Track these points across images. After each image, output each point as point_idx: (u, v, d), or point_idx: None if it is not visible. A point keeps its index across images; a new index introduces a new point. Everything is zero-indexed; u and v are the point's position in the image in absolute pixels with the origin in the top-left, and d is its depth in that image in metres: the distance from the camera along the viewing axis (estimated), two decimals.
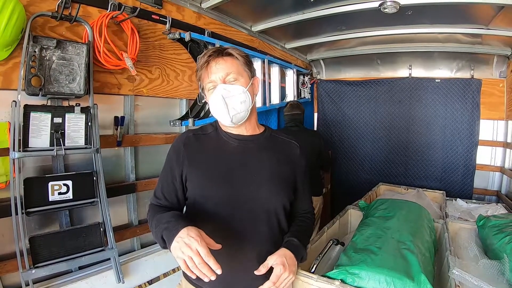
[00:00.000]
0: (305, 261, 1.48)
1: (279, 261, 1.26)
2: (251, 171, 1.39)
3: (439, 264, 2.00)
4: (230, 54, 1.36)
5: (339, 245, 2.07)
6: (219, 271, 1.04)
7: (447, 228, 2.32)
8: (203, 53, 1.37)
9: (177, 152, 1.41)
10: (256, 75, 1.46)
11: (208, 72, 1.34)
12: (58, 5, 1.79)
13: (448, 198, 3.37)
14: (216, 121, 1.50)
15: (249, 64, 1.41)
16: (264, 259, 1.28)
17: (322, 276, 1.62)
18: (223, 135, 1.44)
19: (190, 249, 1.05)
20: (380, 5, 2.67)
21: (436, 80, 4.32)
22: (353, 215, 2.80)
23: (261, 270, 1.24)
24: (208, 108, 2.76)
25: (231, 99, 1.31)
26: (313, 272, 1.67)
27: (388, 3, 2.63)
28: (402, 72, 4.62)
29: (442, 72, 4.39)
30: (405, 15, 2.95)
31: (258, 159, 1.42)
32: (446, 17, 3.04)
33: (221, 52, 1.35)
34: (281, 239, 1.42)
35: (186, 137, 1.44)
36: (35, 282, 1.75)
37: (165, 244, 1.17)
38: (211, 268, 1.04)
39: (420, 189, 3.44)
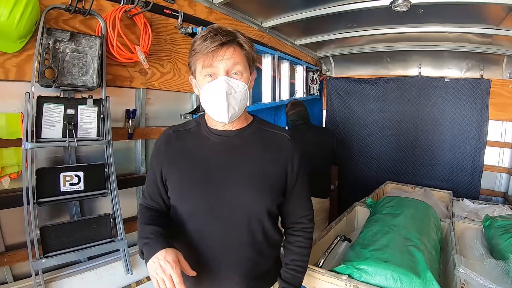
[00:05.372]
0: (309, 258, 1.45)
1: None
2: (232, 171, 1.26)
3: (444, 262, 2.01)
4: (241, 46, 1.20)
5: (346, 241, 2.09)
6: None
7: (453, 227, 2.32)
8: (207, 34, 1.16)
9: (157, 151, 1.35)
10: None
11: (212, 58, 1.16)
12: None
13: (455, 198, 3.37)
14: (200, 116, 1.40)
15: (254, 58, 1.28)
16: (245, 268, 1.28)
17: (329, 270, 1.64)
18: (205, 131, 1.32)
19: (164, 273, 1.06)
20: (391, 3, 2.66)
21: (446, 80, 4.30)
22: (360, 212, 2.81)
23: None
24: None
25: (233, 96, 1.18)
26: (320, 267, 1.69)
27: (399, 2, 2.61)
28: (411, 70, 4.59)
29: (451, 71, 4.36)
30: (415, 14, 2.93)
31: (242, 157, 1.29)
32: (457, 16, 3.02)
33: (233, 41, 1.18)
34: (266, 246, 1.33)
35: (167, 134, 1.36)
36: (44, 271, 1.77)
37: (144, 257, 1.17)
38: None
39: (427, 188, 3.45)
